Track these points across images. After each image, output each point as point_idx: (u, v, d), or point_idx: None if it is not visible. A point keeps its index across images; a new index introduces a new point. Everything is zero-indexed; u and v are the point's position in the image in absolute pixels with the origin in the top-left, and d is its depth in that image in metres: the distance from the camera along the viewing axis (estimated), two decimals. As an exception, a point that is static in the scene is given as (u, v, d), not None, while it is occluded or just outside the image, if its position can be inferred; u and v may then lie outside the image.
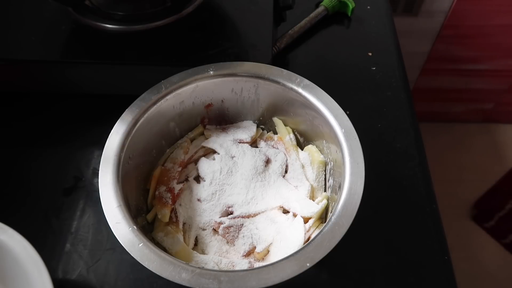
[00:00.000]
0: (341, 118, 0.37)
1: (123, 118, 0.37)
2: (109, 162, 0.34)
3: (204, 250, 0.38)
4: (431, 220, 0.41)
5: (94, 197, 0.43)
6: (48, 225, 0.41)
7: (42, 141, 0.47)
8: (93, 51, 0.47)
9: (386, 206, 0.42)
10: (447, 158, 1.31)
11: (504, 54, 1.09)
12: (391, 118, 0.49)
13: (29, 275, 0.30)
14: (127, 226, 0.31)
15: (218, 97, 0.42)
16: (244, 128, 0.44)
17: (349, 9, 0.59)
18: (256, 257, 0.37)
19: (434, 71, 1.15)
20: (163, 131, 0.41)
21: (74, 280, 0.38)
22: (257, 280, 0.28)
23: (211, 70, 0.40)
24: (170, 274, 0.28)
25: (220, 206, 0.39)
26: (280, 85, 0.40)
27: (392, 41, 0.57)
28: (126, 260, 0.39)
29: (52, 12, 0.50)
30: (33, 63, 0.47)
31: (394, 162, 0.45)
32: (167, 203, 0.38)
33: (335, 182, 0.38)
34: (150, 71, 0.47)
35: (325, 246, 0.30)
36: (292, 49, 0.56)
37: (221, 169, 0.40)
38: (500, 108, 1.31)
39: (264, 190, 0.40)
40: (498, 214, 1.13)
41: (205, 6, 0.52)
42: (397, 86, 0.52)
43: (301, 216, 0.37)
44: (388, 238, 0.40)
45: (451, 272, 0.38)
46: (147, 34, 0.49)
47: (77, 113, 0.50)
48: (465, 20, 0.98)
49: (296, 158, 0.41)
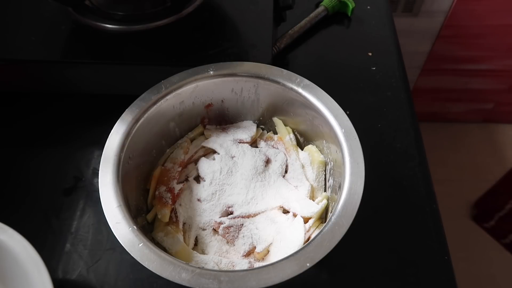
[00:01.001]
0: (341, 118, 0.37)
1: (123, 118, 0.37)
2: (109, 162, 0.34)
3: (204, 250, 0.38)
4: (431, 220, 0.41)
5: (94, 197, 0.43)
6: (48, 225, 0.41)
7: (42, 141, 0.47)
8: (93, 51, 0.47)
9: (386, 206, 0.42)
10: (447, 158, 1.31)
11: (504, 54, 1.09)
12: (391, 118, 0.49)
13: (29, 275, 0.30)
14: (127, 226, 0.31)
15: (218, 97, 0.42)
16: (244, 128, 0.44)
17: (349, 9, 0.59)
18: (256, 257, 0.37)
19: (434, 71, 1.15)
20: (163, 131, 0.41)
21: (74, 280, 0.38)
22: (257, 280, 0.28)
23: (211, 70, 0.40)
24: (170, 274, 0.28)
25: (220, 206, 0.39)
26: (280, 85, 0.40)
27: (392, 41, 0.57)
28: (126, 260, 0.39)
29: (52, 12, 0.50)
30: (33, 63, 0.47)
31: (394, 162, 0.45)
32: (167, 203, 0.38)
33: (335, 182, 0.38)
34: (150, 71, 0.47)
35: (325, 246, 0.30)
36: (292, 49, 0.56)
37: (221, 169, 0.40)
38: (500, 108, 1.31)
39: (264, 190, 0.40)
40: (498, 214, 1.13)
41: (205, 6, 0.52)
42: (397, 86, 0.52)
43: (301, 216, 0.37)
44: (388, 238, 0.40)
45: (451, 272, 0.38)
46: (147, 34, 0.49)
47: (77, 113, 0.50)
48: (465, 20, 0.98)
49: (296, 158, 0.41)
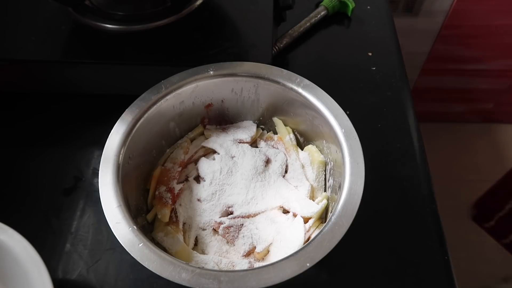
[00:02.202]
0: (341, 118, 0.37)
1: (123, 118, 0.37)
2: (109, 162, 0.34)
3: (204, 250, 0.38)
4: (431, 220, 0.41)
5: (94, 197, 0.43)
6: (48, 225, 0.41)
7: (42, 141, 0.47)
8: (93, 51, 0.47)
9: (386, 206, 0.42)
10: (447, 158, 1.31)
11: (504, 54, 1.09)
12: (391, 118, 0.49)
13: (29, 275, 0.30)
14: (127, 226, 0.31)
15: (218, 97, 0.42)
16: (244, 128, 0.44)
17: (349, 9, 0.59)
18: (256, 257, 0.37)
19: (434, 71, 1.14)
20: (163, 131, 0.41)
21: (74, 280, 0.38)
22: (257, 280, 0.28)
23: (211, 70, 0.40)
24: (170, 274, 0.28)
25: (220, 206, 0.39)
26: (280, 85, 0.40)
27: (392, 41, 0.57)
28: (126, 260, 0.39)
29: (52, 12, 0.50)
30: (33, 63, 0.47)
31: (394, 162, 0.45)
32: (167, 203, 0.38)
33: (335, 182, 0.38)
34: (150, 71, 0.47)
35: (325, 246, 0.30)
36: (292, 49, 0.56)
37: (221, 169, 0.40)
38: (500, 108, 1.31)
39: (264, 190, 0.40)
40: (498, 214, 1.12)
41: (205, 6, 0.52)
42: (397, 86, 0.52)
43: (301, 216, 0.37)
44: (388, 238, 0.40)
45: (451, 272, 0.38)
46: (147, 34, 0.49)
47: (77, 113, 0.50)
48: (465, 20, 0.98)
49: (296, 158, 0.41)
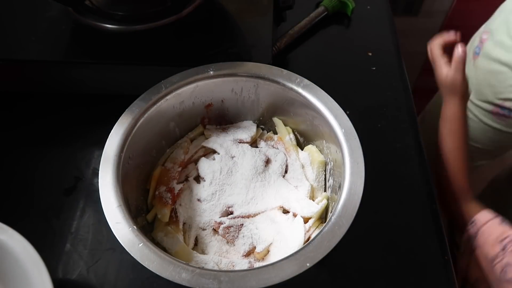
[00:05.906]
0: (341, 118, 0.37)
1: (123, 118, 0.37)
2: (109, 162, 0.34)
3: (204, 250, 0.38)
4: (431, 220, 0.41)
5: (94, 197, 0.43)
6: (48, 225, 0.41)
7: (42, 142, 0.47)
8: (93, 51, 0.47)
9: (386, 206, 0.42)
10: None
11: (504, 54, 1.09)
12: (391, 118, 0.49)
13: (29, 275, 0.30)
14: (127, 226, 0.31)
15: (218, 97, 0.42)
16: (244, 128, 0.44)
17: (349, 9, 0.59)
18: (256, 257, 0.37)
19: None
20: (163, 131, 0.41)
21: (74, 280, 0.38)
22: (257, 280, 0.28)
23: (211, 70, 0.40)
24: (170, 274, 0.28)
25: (220, 206, 0.39)
26: (280, 85, 0.40)
27: (392, 41, 0.57)
28: (126, 260, 0.39)
29: (52, 12, 0.50)
30: (33, 63, 0.47)
31: (394, 162, 0.45)
32: (167, 203, 0.38)
33: (335, 182, 0.38)
34: (150, 71, 0.47)
35: (325, 246, 0.30)
36: (292, 49, 0.56)
37: (221, 169, 0.40)
38: (500, 108, 1.30)
39: (264, 190, 0.40)
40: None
41: (205, 6, 0.52)
42: (397, 86, 0.52)
43: (301, 216, 0.37)
44: (388, 238, 0.40)
45: (451, 272, 0.38)
46: (147, 34, 0.49)
47: (77, 113, 0.50)
48: (465, 20, 0.97)
49: (296, 158, 0.41)
